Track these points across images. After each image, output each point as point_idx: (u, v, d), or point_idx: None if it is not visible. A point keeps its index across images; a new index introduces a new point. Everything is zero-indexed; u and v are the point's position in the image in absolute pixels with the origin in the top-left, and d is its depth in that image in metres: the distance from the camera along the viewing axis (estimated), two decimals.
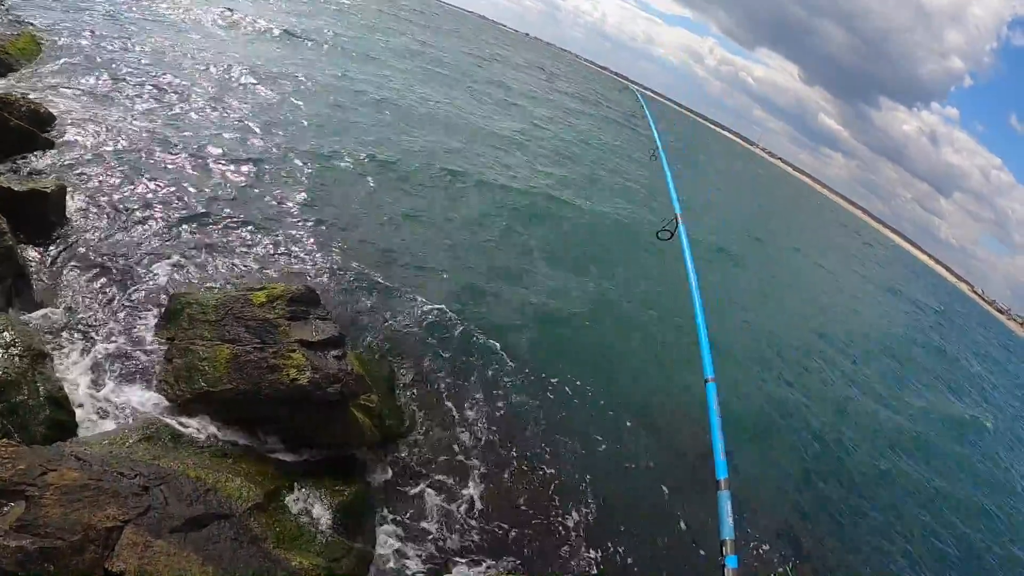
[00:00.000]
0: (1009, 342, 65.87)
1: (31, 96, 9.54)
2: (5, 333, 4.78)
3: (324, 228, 10.68)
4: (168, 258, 7.88)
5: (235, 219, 9.55)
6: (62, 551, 3.27)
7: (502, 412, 8.17)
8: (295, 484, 5.32)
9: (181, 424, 5.48)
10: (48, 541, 3.27)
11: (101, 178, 8.87)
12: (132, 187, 9.03)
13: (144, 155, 10.20)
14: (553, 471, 7.53)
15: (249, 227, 9.51)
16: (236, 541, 4.19)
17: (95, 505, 3.70)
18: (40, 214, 7.03)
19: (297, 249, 9.60)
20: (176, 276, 7.62)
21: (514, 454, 7.56)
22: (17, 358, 4.63)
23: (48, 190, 7.12)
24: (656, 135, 7.82)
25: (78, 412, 5.04)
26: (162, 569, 3.56)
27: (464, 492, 6.68)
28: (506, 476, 7.17)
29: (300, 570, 4.32)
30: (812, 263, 34.98)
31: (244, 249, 8.89)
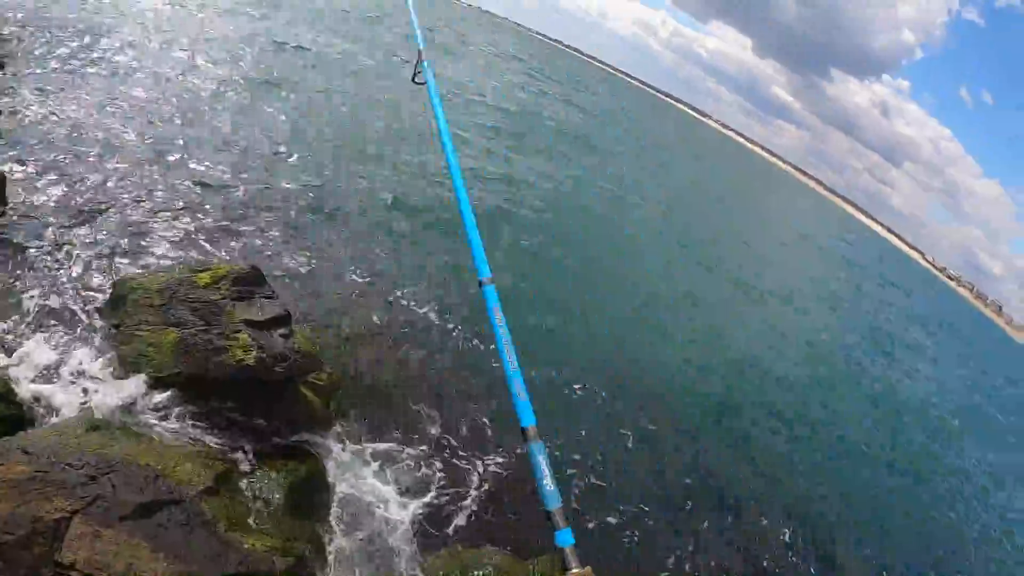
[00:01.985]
0: (948, 306, 68.14)
1: None
2: None
3: (270, 208, 10.59)
4: (112, 243, 7.72)
5: (180, 202, 9.39)
6: (10, 546, 3.32)
7: (451, 390, 8.37)
8: (246, 466, 5.41)
9: (130, 411, 5.49)
10: None
11: (43, 164, 8.60)
12: (75, 173, 8.77)
13: (89, 141, 9.90)
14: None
15: (194, 209, 9.36)
16: (187, 526, 4.27)
17: (43, 497, 3.73)
18: None
19: (243, 229, 9.52)
20: (121, 261, 7.48)
21: (464, 437, 7.74)
22: None
23: None
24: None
25: (25, 405, 5.00)
26: (112, 559, 3.64)
27: (417, 466, 6.87)
28: (455, 454, 7.37)
29: (253, 552, 4.43)
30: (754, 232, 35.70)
31: (189, 232, 8.77)
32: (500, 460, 7.40)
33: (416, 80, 4.15)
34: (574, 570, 1.59)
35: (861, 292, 35.90)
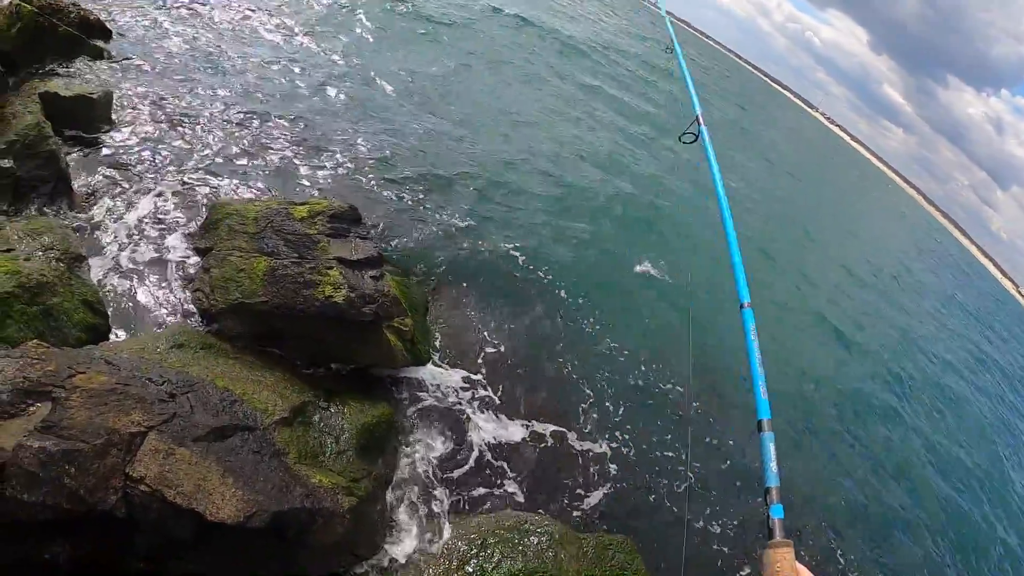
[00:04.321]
0: None
1: (80, 4, 9.36)
2: (44, 236, 4.81)
3: (375, 149, 10.51)
4: (212, 168, 7.84)
5: (284, 134, 9.44)
6: (84, 454, 3.32)
7: (537, 343, 8.13)
8: (322, 402, 5.34)
9: (213, 334, 5.54)
10: (71, 443, 3.31)
11: (150, 86, 8.80)
12: (181, 96, 8.95)
13: (197, 66, 10.08)
14: (580, 405, 7.51)
15: (297, 143, 9.40)
16: (258, 454, 4.24)
17: (121, 410, 3.74)
18: (86, 119, 7.00)
19: (346, 167, 9.49)
20: (218, 186, 7.59)
21: (545, 387, 7.53)
22: (54, 261, 4.67)
23: (94, 96, 7.07)
24: (672, 32, 6.93)
25: (112, 317, 5.10)
26: (182, 477, 3.61)
27: (489, 426, 6.69)
28: (534, 409, 7.16)
29: (319, 487, 4.36)
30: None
31: (290, 163, 8.81)
32: (573, 432, 7.15)
33: (683, 140, 4.49)
34: (777, 538, 1.83)
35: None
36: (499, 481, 6.17)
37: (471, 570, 4.84)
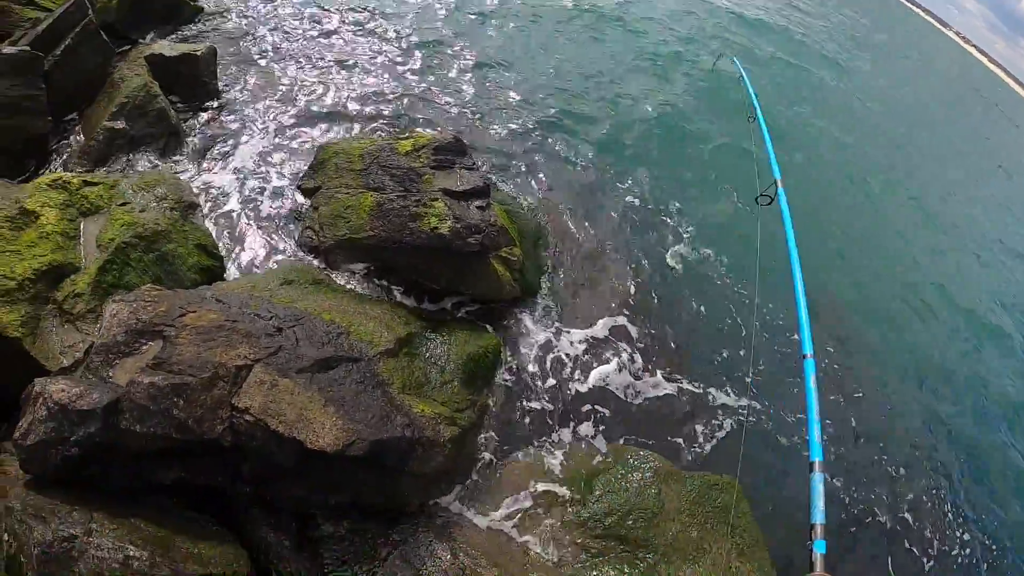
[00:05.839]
0: None
1: None
2: (158, 188, 5.14)
3: (483, 78, 10.31)
4: (316, 112, 7.99)
5: (390, 69, 9.44)
6: (192, 387, 3.53)
7: (651, 283, 7.68)
8: (428, 333, 5.37)
9: (322, 269, 5.72)
10: (179, 377, 3.53)
11: (252, 40, 9.04)
12: (284, 47, 9.14)
13: (300, 19, 10.19)
14: (695, 351, 7.04)
15: (405, 76, 9.36)
16: (361, 384, 4.32)
17: (228, 344, 3.94)
18: (192, 75, 7.34)
19: (453, 99, 9.36)
20: (324, 128, 7.74)
21: (658, 329, 7.11)
22: (168, 210, 4.97)
23: (199, 53, 7.38)
24: (755, 98, 6.54)
25: (226, 258, 5.40)
26: (285, 407, 3.75)
27: (598, 359, 6.46)
28: (644, 349, 6.80)
29: (421, 417, 4.40)
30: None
31: (396, 99, 8.78)
32: (684, 377, 6.72)
33: (759, 201, 4.75)
34: (818, 571, 1.99)
35: None
36: (604, 416, 5.97)
37: (572, 502, 4.76)
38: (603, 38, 15.15)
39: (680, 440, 6.10)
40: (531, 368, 6.03)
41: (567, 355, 6.31)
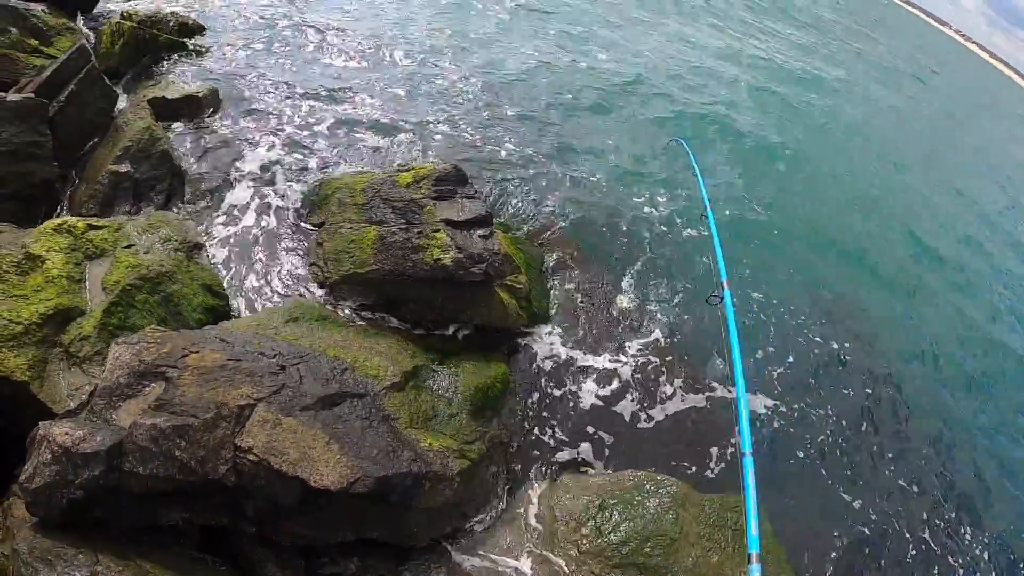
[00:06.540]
0: None
1: (178, 11, 9.78)
2: (162, 229, 5.18)
3: (480, 109, 10.39)
4: (318, 146, 8.05)
5: (387, 104, 9.53)
6: (194, 428, 3.50)
7: (657, 304, 7.63)
8: (435, 365, 5.34)
9: (328, 305, 5.71)
10: (181, 419, 3.51)
11: (251, 78, 9.09)
12: (282, 82, 9.21)
13: (295, 51, 10.35)
14: (704, 369, 6.94)
15: (401, 110, 9.44)
16: (366, 420, 4.28)
17: (231, 384, 3.92)
18: (194, 116, 7.48)
19: (450, 130, 9.44)
20: (326, 162, 7.79)
21: (670, 351, 7.01)
22: (172, 251, 5.01)
23: (200, 94, 7.55)
24: (705, 194, 6.17)
25: (232, 296, 5.42)
26: (288, 446, 3.72)
27: (609, 385, 6.40)
28: (655, 371, 6.73)
29: (429, 451, 4.35)
30: None
31: (395, 133, 8.85)
32: (696, 396, 6.65)
33: (710, 301, 4.69)
34: None
35: None
36: (616, 442, 5.89)
37: (588, 531, 4.66)
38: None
39: (694, 463, 6.01)
40: (540, 396, 5.97)
41: (575, 382, 6.26)
